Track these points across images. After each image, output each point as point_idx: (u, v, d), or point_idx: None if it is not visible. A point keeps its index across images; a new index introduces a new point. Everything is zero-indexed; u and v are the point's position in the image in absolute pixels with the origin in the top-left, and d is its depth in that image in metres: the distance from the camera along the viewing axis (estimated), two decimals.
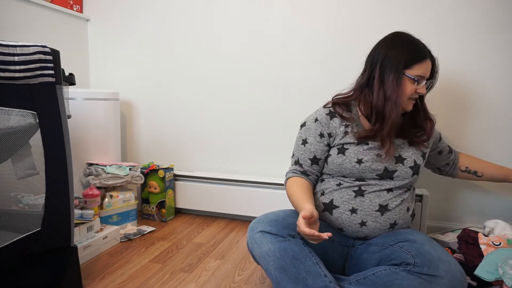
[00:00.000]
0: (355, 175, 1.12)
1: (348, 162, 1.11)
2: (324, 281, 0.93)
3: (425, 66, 1.08)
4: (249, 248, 1.06)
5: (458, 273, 0.92)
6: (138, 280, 1.24)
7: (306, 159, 1.18)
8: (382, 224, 1.10)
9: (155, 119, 2.00)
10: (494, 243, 1.11)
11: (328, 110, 1.18)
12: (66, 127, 1.05)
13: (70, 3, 1.93)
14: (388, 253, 1.02)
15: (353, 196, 1.11)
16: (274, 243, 0.99)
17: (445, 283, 0.89)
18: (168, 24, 1.91)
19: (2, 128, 0.91)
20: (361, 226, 1.10)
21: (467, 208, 1.63)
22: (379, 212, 1.09)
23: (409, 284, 0.91)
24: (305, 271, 0.95)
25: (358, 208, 1.10)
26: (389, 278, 0.94)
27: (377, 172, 1.10)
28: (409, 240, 1.02)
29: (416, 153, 1.15)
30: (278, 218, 1.05)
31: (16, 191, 0.99)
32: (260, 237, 1.02)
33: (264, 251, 0.99)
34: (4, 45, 0.88)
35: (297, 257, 0.96)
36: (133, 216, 1.73)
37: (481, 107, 1.54)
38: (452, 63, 1.54)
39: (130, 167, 1.72)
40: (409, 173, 1.12)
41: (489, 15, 1.48)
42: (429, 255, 0.94)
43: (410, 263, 0.94)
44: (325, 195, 1.15)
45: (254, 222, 1.07)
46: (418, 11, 1.55)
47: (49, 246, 1.03)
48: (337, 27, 1.65)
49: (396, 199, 1.11)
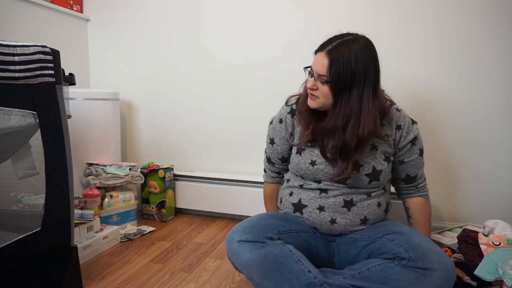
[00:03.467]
0: (310, 177, 1.12)
1: (303, 162, 1.13)
2: (309, 278, 0.93)
3: (316, 58, 1.04)
4: (230, 260, 1.06)
5: (449, 264, 0.94)
6: (138, 280, 1.24)
7: (276, 159, 1.25)
8: (352, 220, 1.10)
9: (155, 119, 2.00)
10: (494, 243, 1.11)
11: (290, 108, 1.19)
12: (66, 127, 1.05)
13: (70, 3, 1.93)
14: (378, 247, 1.02)
15: (318, 193, 1.12)
16: (253, 251, 0.97)
17: (438, 275, 0.91)
18: (168, 24, 1.91)
19: (2, 128, 0.91)
20: (332, 224, 1.10)
21: (467, 208, 1.62)
22: (345, 208, 1.09)
23: (405, 278, 0.92)
24: (289, 272, 0.94)
25: (325, 206, 1.10)
26: (384, 274, 0.94)
27: (330, 176, 1.09)
28: (396, 232, 1.03)
29: (378, 159, 1.09)
30: (252, 223, 1.05)
31: (16, 191, 0.99)
32: (238, 248, 1.00)
33: (245, 261, 0.98)
34: (4, 45, 0.88)
35: (279, 260, 0.95)
36: (133, 216, 1.73)
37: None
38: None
39: (130, 167, 1.72)
40: (365, 181, 1.08)
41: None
42: (421, 248, 0.95)
43: (404, 257, 0.95)
44: (293, 195, 1.17)
45: (230, 234, 1.05)
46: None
47: (49, 246, 1.03)
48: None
49: (361, 195, 1.10)
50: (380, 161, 1.10)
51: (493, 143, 1.56)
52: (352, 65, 0.98)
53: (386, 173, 1.12)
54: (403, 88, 1.62)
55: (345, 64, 0.98)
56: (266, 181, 1.34)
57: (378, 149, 1.11)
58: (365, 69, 0.99)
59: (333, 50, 1.00)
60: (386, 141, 1.12)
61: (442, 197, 1.65)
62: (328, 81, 1.00)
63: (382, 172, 1.10)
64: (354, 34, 1.04)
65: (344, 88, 1.00)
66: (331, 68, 0.99)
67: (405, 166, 1.18)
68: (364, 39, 1.02)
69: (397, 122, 1.13)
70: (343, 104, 1.01)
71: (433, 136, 1.62)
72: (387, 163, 1.11)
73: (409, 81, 1.61)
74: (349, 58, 0.98)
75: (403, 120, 1.14)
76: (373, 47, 1.03)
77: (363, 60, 0.99)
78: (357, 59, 0.98)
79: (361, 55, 0.99)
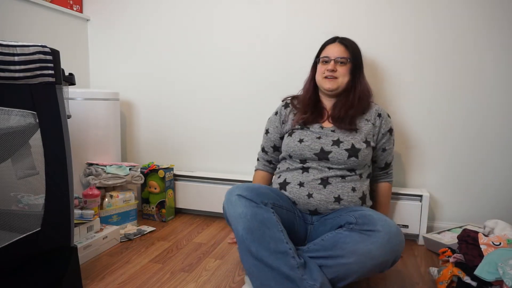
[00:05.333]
0: (297, 154, 1.28)
1: (292, 141, 1.30)
2: (285, 247, 1.03)
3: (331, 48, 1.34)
4: (224, 209, 1.17)
5: (394, 227, 1.04)
6: (138, 280, 1.24)
7: (269, 147, 1.46)
8: (327, 196, 1.22)
9: (155, 119, 2.00)
10: (494, 243, 1.11)
11: (285, 102, 1.44)
12: (66, 127, 1.05)
13: (70, 3, 1.93)
14: (338, 221, 1.15)
15: (300, 172, 1.27)
16: (248, 207, 1.08)
17: (382, 235, 1.01)
18: (168, 24, 1.91)
19: (2, 128, 0.91)
20: (309, 198, 1.23)
21: (467, 208, 1.63)
22: (321, 185, 1.23)
23: (351, 240, 1.03)
24: (270, 236, 1.04)
25: (305, 182, 1.25)
26: (335, 239, 1.06)
27: (314, 151, 1.25)
28: (357, 210, 1.15)
29: (357, 138, 1.27)
30: (255, 186, 1.17)
31: (16, 191, 0.99)
32: (236, 200, 1.11)
33: (238, 212, 1.09)
34: (4, 45, 0.88)
35: (265, 223, 1.06)
36: (133, 216, 1.73)
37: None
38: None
39: (130, 167, 1.72)
40: (344, 155, 1.23)
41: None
42: (370, 216, 1.08)
43: (352, 222, 1.08)
44: (280, 177, 1.32)
45: (233, 187, 1.17)
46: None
47: (49, 246, 1.03)
48: (336, 30, 1.66)
49: (337, 177, 1.24)
50: (359, 142, 1.26)
51: (493, 143, 1.56)
52: (358, 51, 1.34)
53: (365, 154, 1.26)
54: (404, 88, 1.62)
55: (356, 49, 1.34)
56: (257, 168, 1.52)
57: (357, 132, 1.29)
58: (361, 59, 1.35)
59: (343, 40, 1.34)
60: (366, 125, 1.31)
61: (442, 197, 1.65)
62: (350, 60, 1.31)
63: (361, 151, 1.24)
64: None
65: (357, 67, 1.33)
66: (349, 51, 1.31)
67: (386, 154, 1.38)
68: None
69: (377, 111, 1.35)
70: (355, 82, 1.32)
71: (433, 137, 1.62)
72: (365, 145, 1.27)
73: (412, 81, 1.61)
74: (355, 46, 1.34)
75: (382, 110, 1.36)
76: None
77: (359, 50, 1.35)
78: (358, 48, 1.35)
79: (357, 46, 1.35)
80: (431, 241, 1.52)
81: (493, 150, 1.56)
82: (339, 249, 1.03)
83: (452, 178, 1.62)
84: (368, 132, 1.30)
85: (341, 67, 1.30)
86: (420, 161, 1.65)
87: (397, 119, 1.64)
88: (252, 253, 1.04)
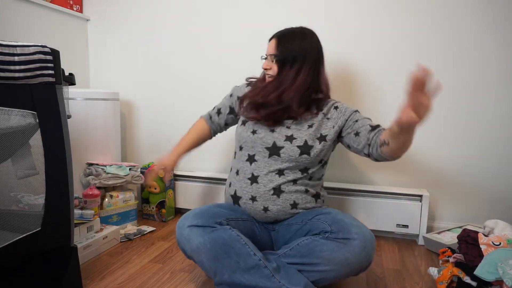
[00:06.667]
0: (248, 146, 1.24)
1: (245, 131, 1.25)
2: (254, 260, 1.03)
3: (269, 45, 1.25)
4: (180, 245, 1.12)
5: (368, 234, 1.05)
6: (138, 280, 1.24)
7: (216, 109, 1.47)
8: (283, 206, 1.19)
9: (155, 119, 2.00)
10: (494, 243, 1.11)
11: (248, 82, 1.39)
12: (66, 127, 1.05)
13: (70, 3, 1.93)
14: (308, 227, 1.13)
15: (249, 184, 1.21)
16: (203, 235, 1.05)
17: (357, 243, 1.02)
18: (168, 24, 1.91)
19: (2, 128, 0.91)
20: (265, 212, 1.20)
21: (467, 208, 1.63)
22: (275, 195, 1.19)
23: (328, 248, 1.03)
24: (236, 254, 1.03)
25: (257, 195, 1.20)
26: (310, 246, 1.06)
27: (266, 144, 1.21)
28: (323, 213, 1.14)
29: (312, 135, 1.20)
30: (203, 210, 1.13)
31: (16, 191, 0.99)
32: (188, 232, 1.08)
33: (195, 245, 1.05)
34: (4, 45, 0.88)
35: (227, 243, 1.04)
36: (133, 216, 1.73)
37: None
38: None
39: (130, 167, 1.72)
40: (296, 152, 1.18)
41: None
42: (343, 222, 1.07)
43: (327, 230, 1.06)
44: (231, 187, 1.28)
45: (181, 220, 1.13)
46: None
47: (49, 246, 1.03)
48: (339, 29, 1.66)
49: (288, 183, 1.19)
50: (313, 139, 1.20)
51: (493, 143, 1.56)
52: (294, 47, 1.20)
53: (317, 151, 1.20)
54: (403, 88, 1.62)
55: (288, 45, 1.21)
56: (202, 116, 1.51)
57: (313, 127, 1.21)
58: (305, 52, 1.20)
59: (281, 35, 1.24)
60: (324, 121, 1.23)
61: (442, 197, 1.65)
62: (277, 56, 1.21)
63: (313, 148, 1.19)
64: (301, 27, 1.26)
65: (285, 65, 1.21)
66: (278, 47, 1.21)
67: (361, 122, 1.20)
68: (308, 30, 1.25)
69: (334, 105, 1.26)
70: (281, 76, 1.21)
71: (433, 137, 1.62)
72: (319, 142, 1.20)
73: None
74: (291, 41, 1.21)
75: (340, 104, 1.27)
76: (316, 37, 1.25)
77: (305, 45, 1.21)
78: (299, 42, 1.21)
79: (302, 40, 1.21)
80: (431, 241, 1.52)
81: (493, 150, 1.56)
82: (315, 258, 1.04)
83: (452, 178, 1.62)
84: (324, 127, 1.23)
85: (273, 64, 1.24)
86: (420, 161, 1.65)
87: None
88: (225, 280, 1.03)
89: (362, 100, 1.67)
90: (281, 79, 1.21)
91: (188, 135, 1.48)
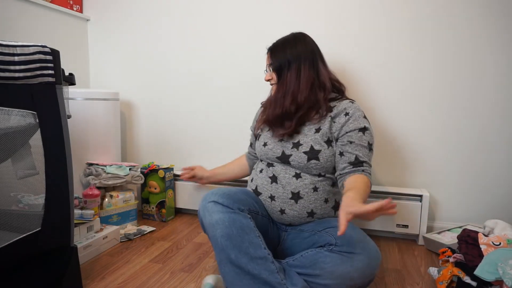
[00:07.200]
0: (263, 158, 1.28)
1: (259, 145, 1.30)
2: (263, 252, 1.04)
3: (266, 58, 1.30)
4: (200, 216, 1.14)
5: (374, 249, 1.05)
6: (138, 280, 1.24)
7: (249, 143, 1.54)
8: (299, 213, 1.20)
9: (155, 119, 2.00)
10: (494, 243, 1.11)
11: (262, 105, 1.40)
12: (66, 127, 1.05)
13: (70, 3, 1.93)
14: (317, 238, 1.14)
15: (269, 182, 1.24)
16: (224, 213, 1.07)
17: (362, 259, 1.02)
18: (168, 24, 1.91)
19: (2, 128, 0.91)
20: (282, 214, 1.22)
21: (467, 208, 1.63)
22: (293, 200, 1.19)
23: (331, 260, 1.04)
24: (249, 241, 1.04)
25: (275, 195, 1.22)
26: (314, 257, 1.07)
27: (276, 155, 1.23)
28: (334, 226, 1.12)
29: (318, 139, 1.19)
30: (231, 192, 1.14)
31: (16, 191, 0.99)
32: (212, 207, 1.09)
33: (215, 219, 1.07)
34: (4, 45, 0.88)
35: (243, 229, 1.05)
36: (133, 216, 1.73)
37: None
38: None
39: (130, 167, 1.72)
40: (303, 158, 1.18)
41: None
42: (349, 236, 1.06)
43: (332, 243, 1.07)
44: (252, 182, 1.31)
45: (207, 194, 1.14)
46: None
47: (49, 246, 1.03)
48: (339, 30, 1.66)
49: (307, 186, 1.19)
50: (320, 142, 1.19)
51: (493, 143, 1.56)
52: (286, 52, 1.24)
53: (326, 155, 1.18)
54: (405, 88, 1.62)
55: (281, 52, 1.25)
56: (246, 154, 1.58)
57: (320, 132, 1.20)
58: (298, 54, 1.22)
59: (273, 46, 1.29)
60: (332, 125, 1.20)
61: (442, 197, 1.65)
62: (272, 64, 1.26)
63: (321, 152, 1.18)
64: (292, 33, 1.30)
65: (283, 69, 1.23)
66: (272, 56, 1.27)
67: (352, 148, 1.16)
68: (299, 34, 1.28)
69: (346, 110, 1.20)
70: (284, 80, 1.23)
71: (433, 137, 1.62)
72: (327, 146, 1.19)
73: (412, 81, 1.61)
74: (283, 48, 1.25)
75: (352, 112, 1.20)
76: (308, 39, 1.27)
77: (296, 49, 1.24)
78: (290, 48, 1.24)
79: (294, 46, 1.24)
80: (431, 241, 1.52)
81: (493, 150, 1.56)
82: (318, 269, 1.04)
83: (452, 178, 1.62)
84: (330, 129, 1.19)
85: (274, 73, 1.27)
86: (420, 161, 1.65)
87: (397, 119, 1.64)
88: (232, 260, 1.03)
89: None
90: (284, 84, 1.23)
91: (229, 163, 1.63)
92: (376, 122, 1.65)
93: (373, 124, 1.61)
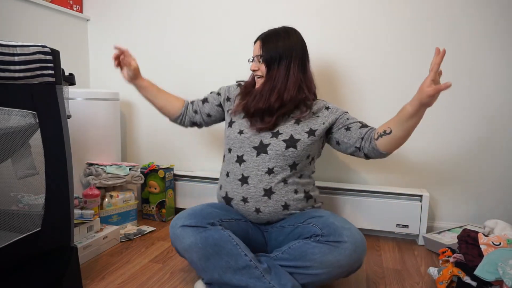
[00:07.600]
0: (236, 146, 1.24)
1: (233, 133, 1.26)
2: (245, 260, 1.04)
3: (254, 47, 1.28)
4: (173, 244, 1.14)
5: (358, 236, 1.06)
6: (138, 280, 1.24)
7: (202, 98, 1.45)
8: (275, 208, 1.20)
9: (155, 119, 2.00)
10: (494, 243, 1.11)
11: (238, 83, 1.40)
12: (66, 127, 1.05)
13: (70, 3, 1.93)
14: (300, 230, 1.14)
15: (240, 185, 1.22)
16: (195, 235, 1.07)
17: (348, 246, 1.03)
18: (168, 24, 1.91)
19: (2, 128, 0.91)
20: (258, 213, 1.21)
21: (467, 208, 1.63)
22: (266, 196, 1.19)
23: (319, 251, 1.04)
24: (227, 254, 1.04)
25: (248, 197, 1.21)
26: (302, 249, 1.06)
27: (253, 144, 1.22)
28: (315, 217, 1.14)
29: (299, 129, 1.21)
30: (196, 211, 1.15)
31: (16, 191, 0.99)
32: (181, 232, 1.09)
33: (187, 244, 1.07)
34: (4, 45, 0.88)
35: (218, 244, 1.05)
36: (133, 216, 1.73)
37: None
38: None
39: (130, 167, 1.72)
40: (282, 146, 1.19)
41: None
42: (334, 225, 1.07)
43: (318, 234, 1.07)
44: (222, 189, 1.29)
45: (174, 219, 1.14)
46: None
47: (49, 246, 1.03)
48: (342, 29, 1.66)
49: (278, 182, 1.19)
50: (301, 132, 1.20)
51: (493, 143, 1.56)
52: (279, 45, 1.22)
53: (304, 144, 1.19)
54: (404, 87, 1.62)
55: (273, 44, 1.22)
56: (187, 101, 1.47)
57: (300, 124, 1.22)
58: (290, 50, 1.21)
59: (264, 36, 1.26)
60: (313, 118, 1.23)
61: (442, 197, 1.65)
62: (263, 56, 1.23)
63: (300, 141, 1.19)
64: (284, 26, 1.28)
65: (273, 62, 1.21)
66: (263, 47, 1.23)
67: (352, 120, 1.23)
68: (291, 29, 1.26)
69: (325, 105, 1.27)
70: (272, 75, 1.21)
71: (433, 137, 1.62)
72: (307, 136, 1.20)
73: (412, 80, 1.61)
74: (276, 41, 1.23)
75: (332, 105, 1.27)
76: (299, 35, 1.26)
77: (289, 44, 1.22)
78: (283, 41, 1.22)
79: (286, 39, 1.23)
80: (431, 241, 1.52)
81: (493, 150, 1.56)
82: (308, 260, 1.05)
83: (452, 178, 1.62)
84: (313, 123, 1.22)
85: (260, 64, 1.25)
86: (420, 161, 1.65)
87: None
88: (216, 279, 1.04)
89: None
90: (272, 79, 1.21)
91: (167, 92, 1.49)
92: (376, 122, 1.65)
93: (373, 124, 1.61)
